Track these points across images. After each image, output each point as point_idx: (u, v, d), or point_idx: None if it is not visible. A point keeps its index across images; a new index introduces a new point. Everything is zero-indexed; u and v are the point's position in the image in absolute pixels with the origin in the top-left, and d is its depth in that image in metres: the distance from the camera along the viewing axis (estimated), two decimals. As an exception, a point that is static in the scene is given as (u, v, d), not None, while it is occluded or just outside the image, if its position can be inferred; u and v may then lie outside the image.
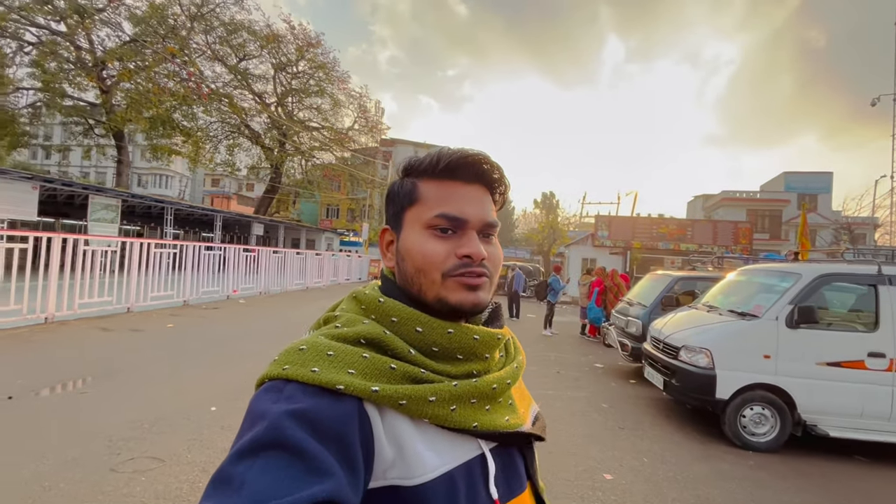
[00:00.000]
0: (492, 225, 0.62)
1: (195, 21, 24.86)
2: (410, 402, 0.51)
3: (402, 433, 0.51)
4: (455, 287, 0.58)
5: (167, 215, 19.05)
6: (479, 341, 0.59)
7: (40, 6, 20.97)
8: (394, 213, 0.64)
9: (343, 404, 0.49)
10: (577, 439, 4.08)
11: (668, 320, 5.24)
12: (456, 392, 0.54)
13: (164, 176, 44.90)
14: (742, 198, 31.60)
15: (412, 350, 0.56)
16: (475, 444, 0.56)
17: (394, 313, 0.58)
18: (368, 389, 0.50)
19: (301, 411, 0.46)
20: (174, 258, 10.19)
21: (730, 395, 4.12)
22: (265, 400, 0.48)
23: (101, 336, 6.75)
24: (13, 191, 12.27)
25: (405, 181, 0.64)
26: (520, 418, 0.61)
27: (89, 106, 24.41)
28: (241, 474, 0.42)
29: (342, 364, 0.51)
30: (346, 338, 0.55)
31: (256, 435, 0.44)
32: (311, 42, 28.25)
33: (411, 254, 0.60)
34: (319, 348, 0.52)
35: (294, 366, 0.50)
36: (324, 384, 0.49)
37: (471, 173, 0.61)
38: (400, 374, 0.53)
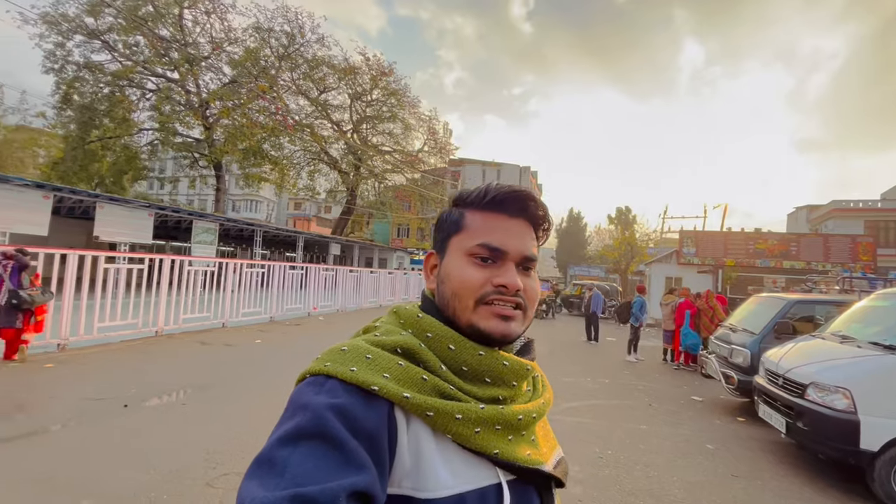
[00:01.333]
0: (531, 259, 0.63)
1: (283, 60, 27.32)
2: (438, 415, 0.52)
3: (423, 445, 0.52)
4: (487, 315, 0.60)
5: (256, 237, 20.72)
6: (508, 368, 0.60)
7: (159, 59, 24.31)
8: (440, 240, 0.67)
9: (376, 406, 0.50)
10: (682, 487, 3.58)
11: (787, 351, 4.53)
12: (482, 415, 0.55)
13: (255, 201, 49.25)
14: (858, 208, 27.62)
15: (443, 366, 0.57)
16: (493, 472, 0.56)
17: (430, 329, 0.60)
18: (401, 395, 0.51)
19: (340, 406, 0.48)
20: (262, 277, 10.94)
21: (879, 446, 3.39)
22: (308, 392, 0.51)
23: (200, 350, 7.32)
24: (134, 218, 14.04)
25: (454, 210, 0.66)
26: (542, 456, 0.61)
27: (195, 141, 27.58)
28: (285, 458, 0.44)
29: (378, 368, 0.53)
30: (384, 345, 0.57)
31: (300, 423, 0.47)
32: (384, 71, 29.81)
33: (450, 278, 0.62)
34: (359, 351, 0.55)
35: (335, 364, 0.53)
36: (360, 384, 0.51)
37: (516, 208, 0.63)
38: (430, 386, 0.55)
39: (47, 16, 22.11)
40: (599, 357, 9.66)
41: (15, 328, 5.61)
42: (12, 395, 4.49)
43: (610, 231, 36.07)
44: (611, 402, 5.97)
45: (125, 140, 25.56)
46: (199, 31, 25.69)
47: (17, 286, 5.60)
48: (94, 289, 6.87)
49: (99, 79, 24.15)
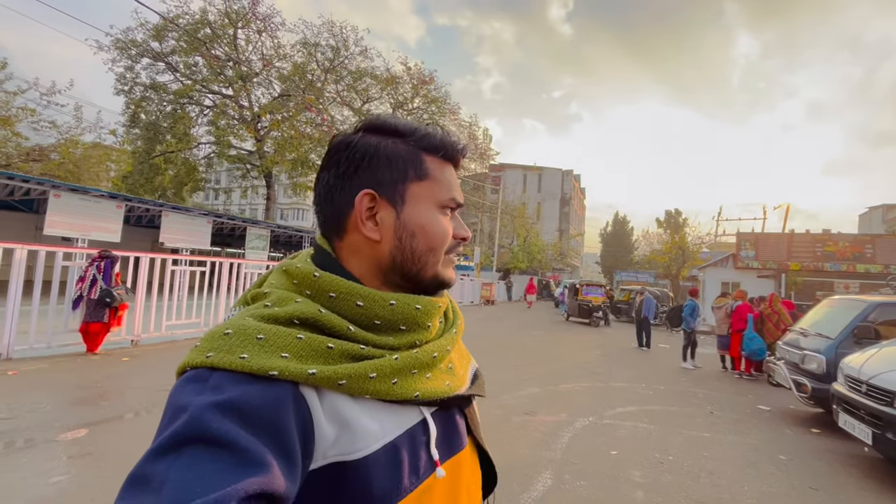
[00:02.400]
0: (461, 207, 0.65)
1: (328, 73, 28.40)
2: (350, 381, 0.50)
3: (344, 411, 0.50)
4: (448, 265, 0.62)
5: (304, 243, 21.57)
6: (420, 311, 0.58)
7: (215, 77, 25.95)
8: (392, 180, 0.58)
9: (276, 390, 0.45)
10: (755, 497, 3.35)
11: (871, 356, 4.15)
12: (397, 365, 0.53)
13: (302, 209, 51.24)
14: (942, 206, 25.07)
15: (351, 327, 0.54)
16: (416, 410, 0.56)
17: (331, 288, 0.55)
18: (305, 373, 0.47)
19: (228, 402, 0.42)
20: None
21: None
22: (187, 392, 0.44)
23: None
24: (195, 225, 14.98)
25: (400, 146, 0.59)
26: (459, 380, 0.62)
27: (247, 153, 29.13)
28: (162, 473, 0.38)
29: (274, 347, 0.47)
30: (278, 318, 0.51)
31: (177, 429, 0.40)
32: (424, 80, 30.31)
33: (426, 231, 0.58)
34: (248, 332, 0.48)
35: (219, 352, 0.46)
36: (255, 371, 0.45)
37: (458, 158, 0.64)
38: (338, 352, 0.51)
39: (119, 42, 24.20)
40: (652, 363, 9.26)
41: (102, 322, 6.15)
42: (96, 384, 4.88)
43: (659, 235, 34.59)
44: (668, 408, 5.70)
45: (185, 154, 27.39)
46: (252, 49, 27.23)
47: (109, 284, 6.16)
48: (163, 290, 7.37)
49: (163, 98, 26.10)
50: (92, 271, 6.12)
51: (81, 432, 3.53)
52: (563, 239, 41.39)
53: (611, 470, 3.66)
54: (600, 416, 5.14)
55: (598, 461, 3.83)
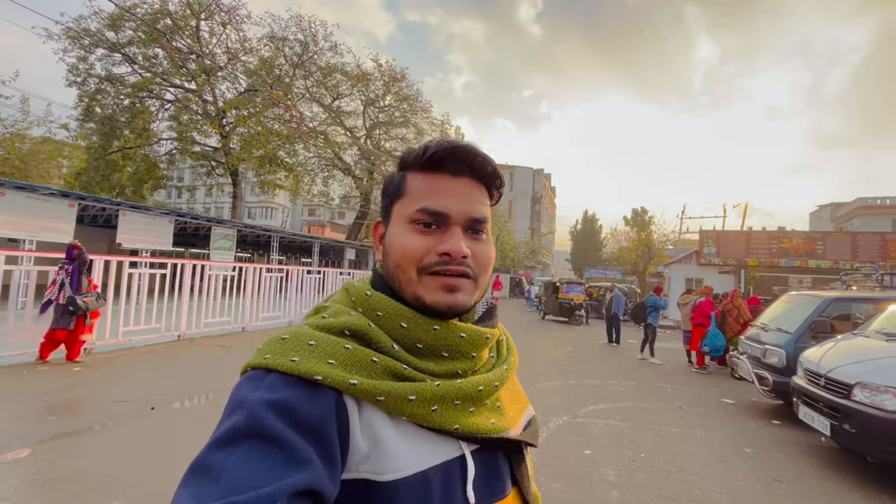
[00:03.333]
0: (479, 221, 0.59)
1: (297, 68, 27.71)
2: (389, 398, 0.50)
3: (379, 428, 0.50)
4: (431, 286, 0.56)
5: (273, 243, 20.95)
6: (465, 340, 0.57)
7: (176, 70, 24.85)
8: (385, 206, 0.63)
9: (321, 395, 0.48)
10: (724, 492, 3.43)
11: (828, 350, 4.34)
12: (438, 392, 0.53)
13: (270, 208, 49.91)
14: (886, 205, 26.81)
15: (395, 346, 0.55)
16: (456, 444, 0.54)
17: (379, 307, 0.57)
18: (347, 382, 0.49)
19: (280, 401, 0.45)
20: (280, 282, 11.00)
21: (937, 449, 3.21)
22: (245, 388, 0.48)
23: (221, 353, 7.35)
24: (155, 225, 14.28)
25: (396, 174, 0.62)
26: (507, 422, 0.59)
27: (212, 150, 28.08)
28: (220, 463, 0.41)
29: (322, 354, 0.50)
30: (331, 328, 0.54)
31: (235, 424, 0.44)
32: (396, 77, 30.02)
33: (392, 248, 0.58)
34: (301, 338, 0.51)
35: (275, 355, 0.50)
36: (302, 374, 0.48)
37: (459, 166, 0.59)
38: (381, 368, 0.52)
39: (70, 31, 22.80)
40: (622, 359, 9.45)
41: (68, 330, 5.82)
42: (43, 398, 4.53)
43: (626, 232, 35.56)
44: (639, 405, 5.80)
45: (145, 150, 26.13)
46: (216, 42, 26.23)
47: (76, 290, 5.81)
48: (119, 294, 6.96)
49: (120, 91, 24.78)
50: (61, 276, 5.80)
51: (24, 452, 3.25)
52: (534, 237, 41.98)
53: (585, 470, 3.67)
54: (574, 414, 5.18)
55: (572, 461, 3.84)
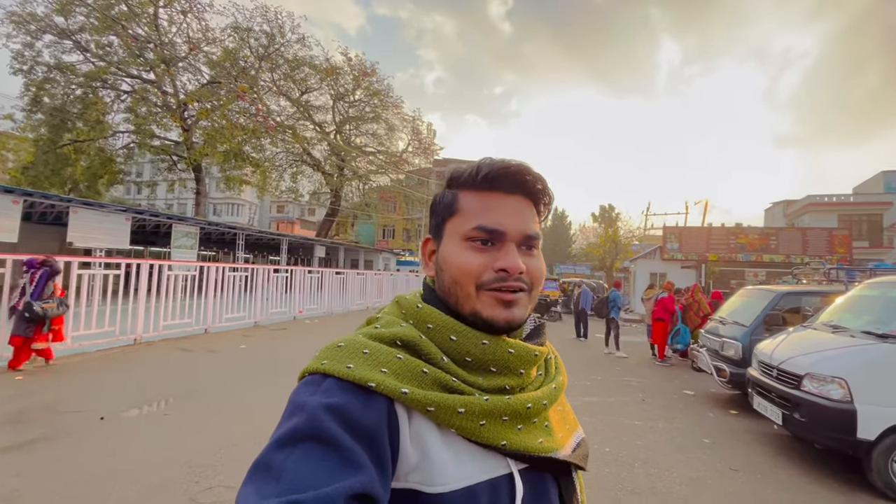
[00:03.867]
0: (533, 237, 0.60)
1: (263, 61, 26.85)
2: (439, 409, 0.51)
3: (428, 439, 0.51)
4: (489, 302, 0.57)
5: (239, 241, 20.27)
6: (514, 355, 0.58)
7: (133, 59, 23.61)
8: (436, 224, 0.64)
9: (374, 402, 0.49)
10: (684, 483, 3.53)
11: (780, 343, 4.54)
12: (486, 407, 0.53)
13: (236, 204, 48.35)
14: (832, 202, 28.42)
15: (445, 358, 0.56)
16: (504, 462, 0.54)
17: (430, 320, 0.58)
18: (398, 391, 0.50)
19: (336, 405, 0.47)
20: (245, 281, 10.66)
21: (876, 435, 3.39)
22: (304, 392, 0.50)
23: (182, 356, 7.05)
24: (110, 223, 13.57)
25: (447, 192, 0.64)
26: (555, 443, 0.59)
27: (173, 144, 26.90)
28: (281, 462, 0.43)
29: (376, 363, 0.52)
30: (383, 338, 0.55)
31: (296, 426, 0.46)
32: (366, 71, 29.55)
33: (448, 265, 0.59)
34: (356, 346, 0.53)
35: (332, 361, 0.51)
36: (356, 380, 0.49)
37: (512, 184, 0.60)
38: (431, 379, 0.53)
39: (14, 15, 21.30)
40: (590, 354, 9.66)
41: (24, 337, 5.58)
42: (-22, 410, 4.21)
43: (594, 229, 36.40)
44: (605, 399, 5.93)
45: (100, 143, 24.75)
46: (176, 31, 25.08)
47: (38, 297, 5.59)
48: (69, 296, 6.55)
49: (71, 80, 23.35)
50: (24, 282, 5.65)
51: (-46, 472, 3.00)
52: (506, 234, 42.33)
53: (552, 466, 3.71)
54: (542, 410, 5.24)
55: (539, 458, 3.86)
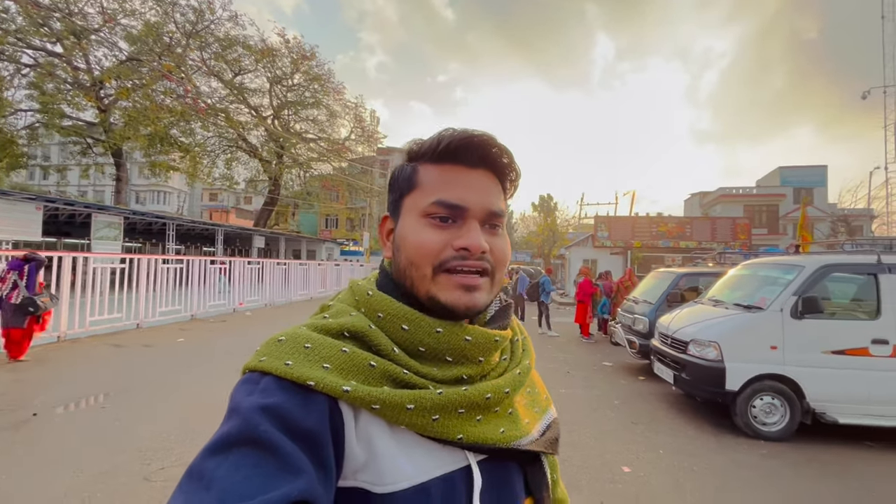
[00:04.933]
0: (497, 214, 0.56)
1: (191, 38, 25.10)
2: (385, 407, 0.48)
3: (376, 437, 0.48)
4: (448, 285, 0.53)
5: (169, 231, 19.13)
6: (471, 343, 0.54)
7: (35, 29, 21.16)
8: (393, 200, 0.60)
9: (314, 401, 0.46)
10: (594, 436, 4.16)
11: (675, 316, 5.34)
12: (439, 401, 0.50)
13: (163, 192, 45.00)
14: (739, 194, 31.81)
15: (396, 349, 0.53)
16: (461, 454, 0.52)
17: (381, 308, 0.55)
18: (339, 388, 0.47)
19: (273, 406, 0.44)
20: (180, 273, 10.27)
21: (739, 386, 4.21)
22: (241, 392, 0.47)
23: (114, 352, 6.81)
24: (18, 212, 12.36)
25: (406, 165, 0.59)
26: (519, 430, 0.55)
27: (86, 125, 24.55)
28: (212, 471, 0.41)
29: (318, 357, 0.49)
30: (329, 329, 0.52)
31: (229, 430, 0.43)
32: (305, 55, 28.54)
33: (405, 243, 0.55)
34: (298, 340, 0.50)
35: (270, 358, 0.49)
36: (294, 379, 0.46)
37: (475, 157, 0.56)
38: (380, 372, 0.50)
39: None
40: (525, 335, 10.40)
41: (22, 329, 5.90)
42: None
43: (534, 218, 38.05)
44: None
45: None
46: (87, 0, 22.74)
47: (33, 291, 5.93)
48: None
49: (-43, 50, 20.55)
50: (13, 276, 5.87)
51: None
52: (450, 222, 43.02)
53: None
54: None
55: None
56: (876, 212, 26.93)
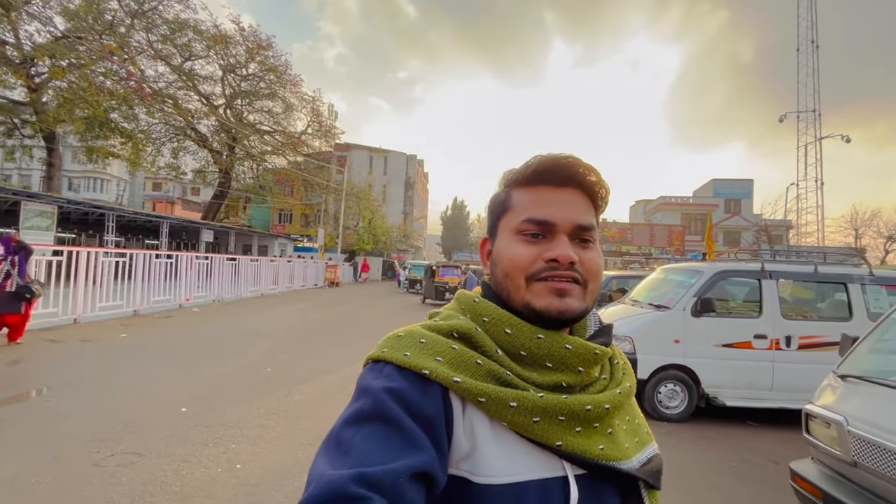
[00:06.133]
0: (585, 228, 0.59)
1: (136, 18, 23.76)
2: (490, 401, 0.52)
3: (479, 430, 0.52)
4: (541, 292, 0.57)
5: (108, 222, 18.13)
6: (570, 351, 0.57)
7: (-45, -4, 19.32)
8: (491, 225, 0.66)
9: (431, 389, 0.51)
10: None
11: (601, 314, 5.95)
12: (540, 404, 0.53)
13: (100, 179, 42.08)
14: (677, 202, 34.23)
15: (499, 351, 0.57)
16: (559, 464, 0.53)
17: (486, 313, 0.59)
18: (451, 379, 0.51)
19: (397, 389, 0.50)
20: (122, 267, 9.92)
21: (648, 374, 4.84)
22: (368, 377, 0.53)
23: (50, 347, 6.60)
24: (-67, 197, 11.39)
25: (500, 192, 0.65)
26: (619, 452, 0.56)
27: (11, 103, 22.64)
28: (349, 439, 0.47)
29: (431, 352, 0.54)
30: (440, 329, 0.58)
31: (362, 406, 0.49)
32: (261, 45, 27.74)
33: (500, 259, 0.61)
34: (414, 336, 0.56)
35: (391, 349, 0.54)
36: (412, 367, 0.52)
37: (562, 177, 0.60)
38: (485, 371, 0.54)
39: None
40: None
41: (20, 315, 6.47)
42: None
43: (489, 219, 38.94)
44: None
45: None
46: (17, -30, 20.96)
47: (24, 278, 6.42)
48: None
49: None
50: (6, 266, 6.24)
51: None
52: (407, 221, 43.21)
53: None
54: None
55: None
56: (792, 223, 29.89)
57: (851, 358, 2.56)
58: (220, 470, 3.15)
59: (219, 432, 3.78)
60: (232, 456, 3.37)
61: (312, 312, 12.84)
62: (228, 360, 6.42)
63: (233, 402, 4.58)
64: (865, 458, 2.07)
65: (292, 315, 12.08)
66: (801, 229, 27.62)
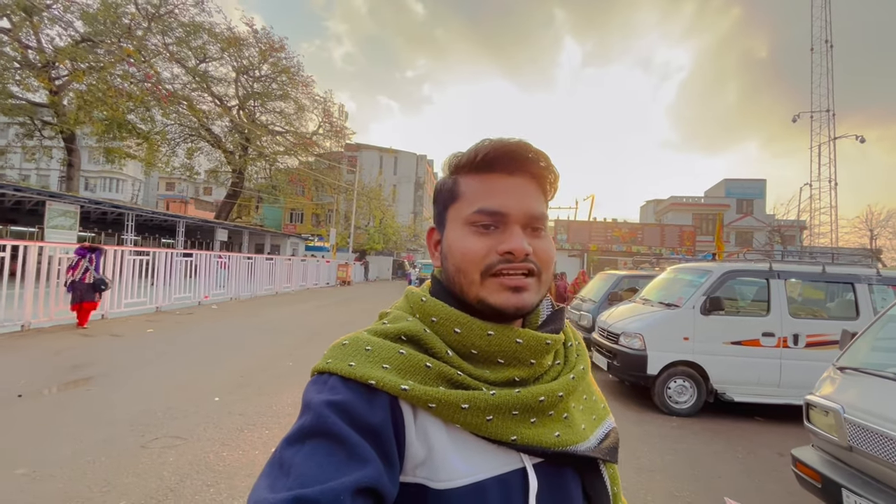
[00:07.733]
0: (538, 217, 0.58)
1: (152, 21, 24.29)
2: (441, 406, 0.51)
3: (433, 434, 0.51)
4: (496, 288, 0.55)
5: (128, 221, 18.61)
6: (522, 345, 0.56)
7: (-21, 1, 19.92)
8: (438, 213, 0.63)
9: (378, 399, 0.50)
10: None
11: (612, 312, 6.13)
12: (493, 402, 0.52)
13: (115, 179, 42.93)
14: (688, 203, 34.08)
15: (450, 351, 0.55)
16: (516, 457, 0.53)
17: (434, 313, 0.58)
18: (398, 387, 0.50)
19: (340, 402, 0.48)
20: (145, 265, 10.28)
21: (658, 371, 5.01)
22: (311, 391, 0.51)
23: (82, 341, 6.93)
24: (-34, 197, 11.85)
25: (447, 178, 0.63)
26: (576, 435, 0.57)
27: (33, 106, 23.26)
28: (290, 458, 0.45)
29: (378, 359, 0.52)
30: (388, 334, 0.56)
31: (303, 423, 0.48)
32: (274, 46, 28.18)
33: (452, 252, 0.58)
34: (359, 344, 0.54)
35: (335, 360, 0.52)
36: (357, 378, 0.50)
37: (512, 164, 0.58)
38: (435, 373, 0.53)
39: None
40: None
41: (95, 303, 7.96)
42: None
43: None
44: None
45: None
46: (39, -25, 21.54)
47: (101, 274, 7.96)
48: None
49: None
50: (84, 262, 7.62)
51: None
52: (416, 221, 43.47)
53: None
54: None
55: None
56: (805, 223, 29.62)
57: (850, 351, 2.72)
58: (258, 453, 3.40)
59: (252, 420, 4.04)
60: (267, 440, 3.62)
61: (327, 309, 13.14)
62: (251, 354, 6.70)
63: (260, 393, 4.83)
64: (860, 442, 2.25)
65: (308, 312, 12.40)
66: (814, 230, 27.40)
